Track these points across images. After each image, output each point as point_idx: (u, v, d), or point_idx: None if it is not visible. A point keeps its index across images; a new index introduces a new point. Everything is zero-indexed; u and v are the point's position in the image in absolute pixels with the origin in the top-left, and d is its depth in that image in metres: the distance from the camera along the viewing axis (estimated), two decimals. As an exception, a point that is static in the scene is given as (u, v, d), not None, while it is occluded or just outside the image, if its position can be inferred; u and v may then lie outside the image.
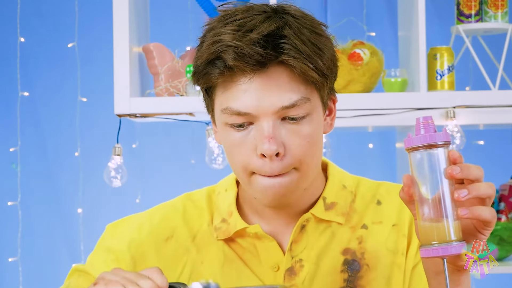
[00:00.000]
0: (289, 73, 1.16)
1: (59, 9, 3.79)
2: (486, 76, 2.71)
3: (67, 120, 3.73)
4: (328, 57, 1.20)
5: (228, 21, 1.18)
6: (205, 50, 1.17)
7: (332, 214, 1.31)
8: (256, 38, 1.14)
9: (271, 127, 1.17)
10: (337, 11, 3.84)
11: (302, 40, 1.16)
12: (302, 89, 1.18)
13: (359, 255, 1.30)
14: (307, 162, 1.22)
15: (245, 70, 1.15)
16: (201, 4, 2.72)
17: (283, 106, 1.17)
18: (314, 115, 1.21)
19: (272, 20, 1.17)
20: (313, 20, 1.21)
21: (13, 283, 3.67)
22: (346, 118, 2.66)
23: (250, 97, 1.16)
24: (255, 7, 1.20)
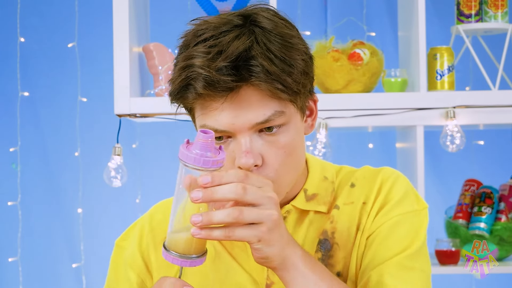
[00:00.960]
0: (259, 92, 1.19)
1: (59, 9, 3.79)
2: (486, 76, 2.71)
3: (67, 120, 3.73)
4: (300, 69, 1.21)
5: (199, 39, 1.20)
6: (177, 75, 1.20)
7: (313, 204, 1.34)
8: (224, 65, 1.16)
9: (247, 142, 1.21)
10: (337, 11, 3.84)
11: (271, 58, 1.18)
12: (275, 104, 1.21)
13: (330, 235, 1.33)
14: (284, 171, 1.24)
15: (215, 96, 1.18)
16: (201, 4, 2.72)
17: (257, 122, 1.20)
18: (290, 124, 1.24)
19: (241, 39, 1.18)
20: (283, 31, 1.22)
21: (13, 283, 3.67)
22: (346, 118, 2.66)
23: (225, 116, 1.20)
24: (227, 20, 1.21)
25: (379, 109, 2.66)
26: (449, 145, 2.66)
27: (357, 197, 1.35)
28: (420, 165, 2.64)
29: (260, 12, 1.23)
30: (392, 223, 1.31)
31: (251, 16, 1.22)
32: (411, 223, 1.32)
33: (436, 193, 3.71)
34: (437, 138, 2.68)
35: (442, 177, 3.80)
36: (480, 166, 3.55)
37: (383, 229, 1.30)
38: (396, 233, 1.30)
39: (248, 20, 1.22)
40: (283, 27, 1.23)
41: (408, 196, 1.34)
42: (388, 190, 1.34)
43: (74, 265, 3.73)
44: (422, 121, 2.65)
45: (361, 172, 1.39)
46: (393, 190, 1.34)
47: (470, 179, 2.93)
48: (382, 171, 1.37)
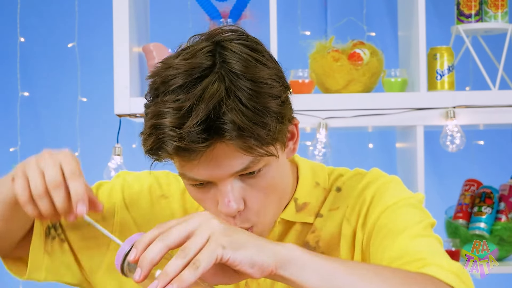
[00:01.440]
0: (234, 146, 1.15)
1: (59, 9, 3.79)
2: (486, 76, 2.71)
3: (67, 120, 3.73)
4: (274, 116, 1.15)
5: (169, 85, 1.15)
6: (148, 134, 1.17)
7: (303, 215, 1.31)
8: (194, 130, 1.11)
9: (229, 190, 1.18)
10: (337, 11, 3.84)
11: (242, 112, 1.12)
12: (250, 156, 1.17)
13: (314, 244, 1.30)
14: (265, 212, 1.22)
15: (189, 156, 1.15)
16: (201, 4, 2.72)
17: (236, 171, 1.17)
18: (271, 165, 1.20)
19: (211, 91, 1.12)
20: (255, 74, 1.15)
21: (13, 283, 3.67)
22: (346, 118, 2.66)
23: (202, 170, 1.17)
24: (194, 63, 1.15)
25: (379, 109, 2.66)
26: (449, 145, 2.66)
27: (343, 201, 1.32)
28: (420, 165, 2.64)
29: (229, 44, 1.17)
30: (390, 210, 1.26)
31: (221, 53, 1.16)
32: (413, 206, 1.28)
33: (436, 193, 3.71)
34: (437, 138, 2.68)
35: (442, 177, 3.80)
36: (480, 166, 3.55)
37: (382, 218, 1.26)
38: (402, 215, 1.25)
39: (218, 58, 1.16)
40: (255, 65, 1.16)
41: (397, 192, 1.30)
42: (376, 190, 1.30)
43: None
44: (422, 121, 2.65)
45: (349, 175, 1.35)
46: (382, 188, 1.30)
47: (470, 179, 2.93)
48: (369, 173, 1.34)
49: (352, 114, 2.66)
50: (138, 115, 2.66)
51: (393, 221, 1.24)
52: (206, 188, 1.20)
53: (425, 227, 1.24)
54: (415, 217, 1.25)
